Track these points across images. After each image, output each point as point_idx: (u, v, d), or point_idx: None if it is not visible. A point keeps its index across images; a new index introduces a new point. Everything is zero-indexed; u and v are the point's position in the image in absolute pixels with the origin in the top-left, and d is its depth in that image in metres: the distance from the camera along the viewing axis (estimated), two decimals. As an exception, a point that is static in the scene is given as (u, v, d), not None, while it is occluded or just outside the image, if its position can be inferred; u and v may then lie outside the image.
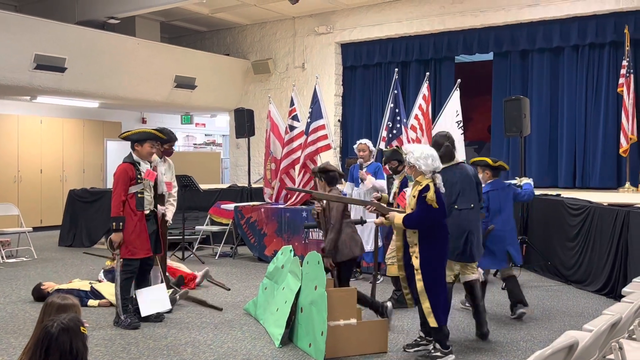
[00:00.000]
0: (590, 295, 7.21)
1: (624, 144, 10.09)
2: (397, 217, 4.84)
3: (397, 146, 7.51)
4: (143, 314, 5.90)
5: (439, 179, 4.79)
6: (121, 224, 5.75)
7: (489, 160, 6.42)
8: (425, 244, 4.76)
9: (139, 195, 5.88)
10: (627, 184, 10.26)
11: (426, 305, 4.73)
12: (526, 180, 7.08)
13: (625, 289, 5.00)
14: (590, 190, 10.77)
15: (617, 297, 6.31)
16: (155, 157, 6.36)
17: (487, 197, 6.15)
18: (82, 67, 11.74)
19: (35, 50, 10.90)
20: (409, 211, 4.83)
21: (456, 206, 5.36)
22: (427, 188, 4.72)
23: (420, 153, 4.78)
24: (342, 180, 6.53)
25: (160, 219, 6.34)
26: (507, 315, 6.31)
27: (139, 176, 5.88)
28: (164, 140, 6.44)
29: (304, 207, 9.12)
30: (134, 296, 6.17)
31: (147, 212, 5.95)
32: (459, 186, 5.39)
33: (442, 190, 4.81)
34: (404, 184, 6.58)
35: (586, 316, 6.18)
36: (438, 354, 4.83)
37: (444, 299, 4.77)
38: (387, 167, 7.06)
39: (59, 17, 12.21)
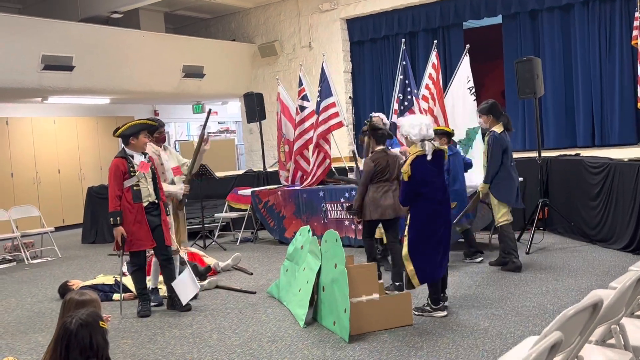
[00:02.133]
0: (617, 253, 7.11)
1: (641, 97, 9.87)
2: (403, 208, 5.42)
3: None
4: (184, 302, 5.97)
5: (428, 146, 5.08)
6: (118, 218, 5.77)
7: (447, 128, 7.17)
8: (411, 212, 5.21)
9: (135, 188, 5.85)
10: (648, 138, 10.08)
11: (410, 268, 5.15)
12: None
13: (651, 244, 4.92)
14: (610, 147, 10.58)
15: (644, 252, 6.22)
16: (153, 146, 6.35)
17: (449, 161, 6.66)
18: (90, 64, 11.75)
19: (41, 50, 10.91)
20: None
21: (512, 163, 6.72)
22: (404, 162, 5.23)
23: (408, 124, 5.15)
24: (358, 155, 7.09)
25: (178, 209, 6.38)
26: (532, 279, 6.24)
27: (131, 169, 5.86)
28: (153, 128, 6.39)
29: (320, 187, 9.07)
30: (152, 286, 6.24)
31: (145, 204, 5.91)
32: (510, 148, 6.71)
33: (429, 157, 5.08)
34: None
35: (613, 274, 6.08)
36: (428, 308, 5.29)
37: (427, 262, 5.13)
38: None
39: (63, 16, 12.22)
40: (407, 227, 5.20)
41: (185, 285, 6.04)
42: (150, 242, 5.92)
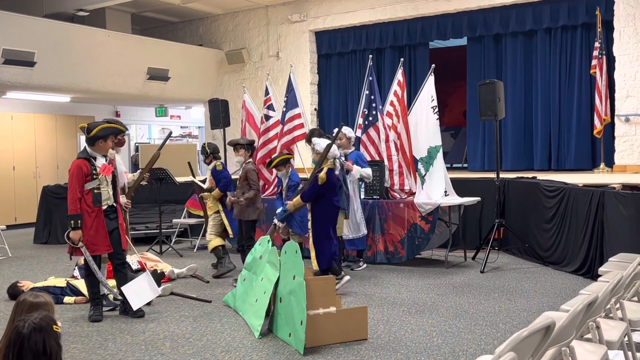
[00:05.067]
0: (568, 275, 7.28)
1: (597, 125, 10.18)
2: (295, 200, 6.68)
3: (205, 143, 8.72)
4: (135, 307, 5.84)
5: (337, 163, 6.70)
6: (79, 221, 5.65)
7: (290, 156, 7.74)
8: (315, 211, 6.58)
9: (95, 191, 5.74)
10: (602, 165, 10.38)
11: (313, 254, 6.54)
12: None
13: (601, 269, 5.06)
14: (565, 172, 10.87)
15: (594, 276, 6.38)
16: (111, 150, 6.30)
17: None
18: (52, 61, 11.52)
19: (3, 45, 10.66)
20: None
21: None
22: (321, 170, 6.52)
23: (325, 145, 6.59)
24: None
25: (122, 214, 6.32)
26: (486, 298, 6.35)
27: (94, 172, 5.74)
28: (121, 133, 6.37)
29: (281, 196, 9.05)
30: (104, 293, 6.11)
31: (104, 207, 5.81)
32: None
33: (337, 172, 6.67)
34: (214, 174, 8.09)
35: (564, 297, 6.23)
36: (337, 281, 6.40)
37: (328, 250, 6.52)
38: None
39: (27, 11, 11.96)
40: (310, 222, 6.60)
41: (139, 290, 5.93)
42: (106, 247, 5.81)
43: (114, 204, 5.91)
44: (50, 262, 9.08)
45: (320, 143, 6.68)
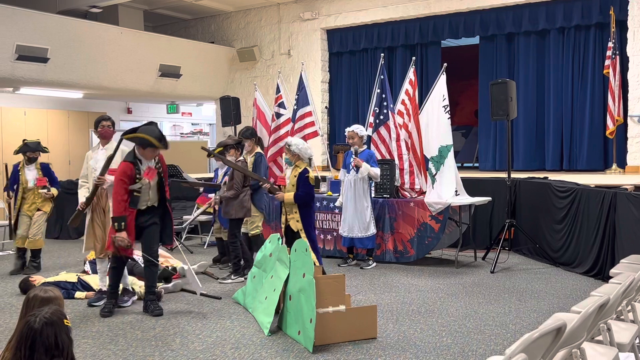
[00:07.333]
0: (579, 276, 7.24)
1: (610, 125, 10.12)
2: (288, 196, 6.52)
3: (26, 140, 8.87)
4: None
5: (312, 164, 6.82)
6: (123, 223, 5.63)
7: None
8: (304, 211, 6.55)
9: (135, 193, 5.74)
10: (614, 166, 10.32)
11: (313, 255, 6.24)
12: None
13: (613, 270, 5.04)
14: (577, 172, 10.80)
15: (605, 278, 6.35)
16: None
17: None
18: (65, 57, 11.59)
19: (16, 40, 10.74)
20: (290, 188, 6.56)
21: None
22: (306, 170, 6.50)
23: (302, 145, 6.60)
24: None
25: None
26: (496, 299, 6.33)
27: (137, 175, 5.74)
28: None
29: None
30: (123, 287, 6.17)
31: (142, 208, 5.81)
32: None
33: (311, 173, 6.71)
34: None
35: (575, 298, 6.20)
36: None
37: (317, 246, 6.71)
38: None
39: (41, 7, 12.04)
40: (301, 224, 6.52)
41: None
42: (130, 250, 5.88)
43: (155, 205, 5.92)
44: (62, 257, 9.14)
45: (299, 144, 6.66)
